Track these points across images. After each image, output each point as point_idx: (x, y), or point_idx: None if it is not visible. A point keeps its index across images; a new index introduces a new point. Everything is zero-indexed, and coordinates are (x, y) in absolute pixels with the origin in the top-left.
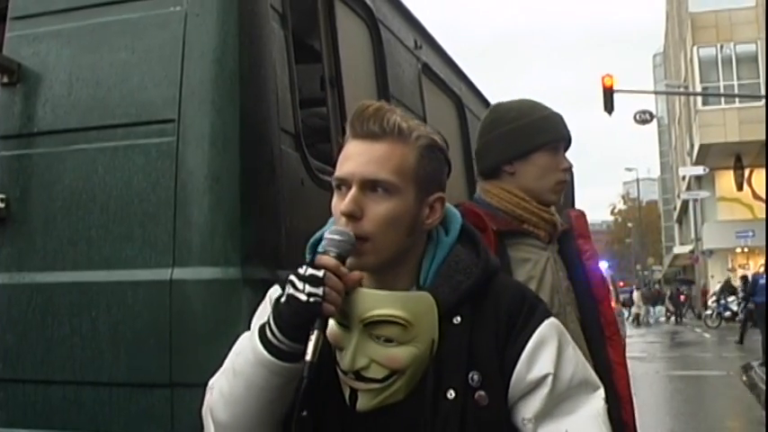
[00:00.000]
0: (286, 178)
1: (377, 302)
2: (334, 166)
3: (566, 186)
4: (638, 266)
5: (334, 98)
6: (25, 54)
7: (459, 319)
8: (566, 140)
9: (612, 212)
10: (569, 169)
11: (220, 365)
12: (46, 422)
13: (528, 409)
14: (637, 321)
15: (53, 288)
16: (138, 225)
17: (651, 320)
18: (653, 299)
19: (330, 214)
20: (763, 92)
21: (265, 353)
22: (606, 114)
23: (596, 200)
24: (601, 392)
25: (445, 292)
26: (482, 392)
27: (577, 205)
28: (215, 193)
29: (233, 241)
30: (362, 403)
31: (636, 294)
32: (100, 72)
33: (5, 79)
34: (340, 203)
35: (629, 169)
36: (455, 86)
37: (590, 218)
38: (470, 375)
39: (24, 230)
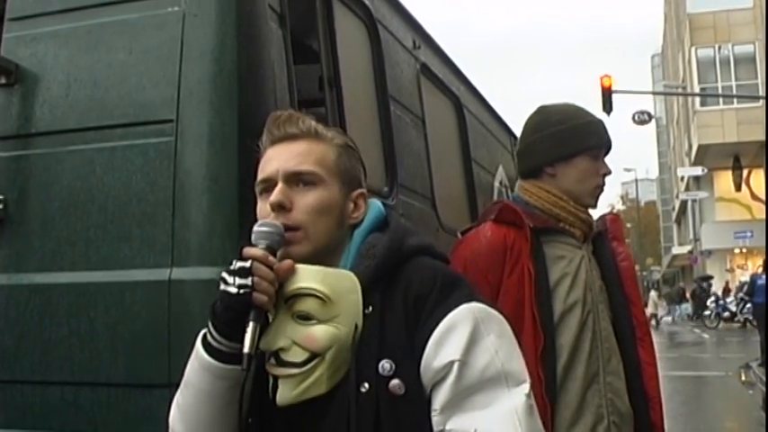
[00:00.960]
0: None
1: (298, 276)
2: None
3: (602, 191)
4: (637, 267)
5: (333, 99)
6: (23, 55)
7: (370, 308)
8: (607, 147)
9: (611, 213)
10: (608, 175)
11: None
12: (44, 423)
13: (436, 400)
14: (656, 322)
15: (51, 289)
16: (136, 225)
17: (677, 319)
18: (678, 298)
19: None
20: (761, 92)
21: (207, 356)
22: (605, 115)
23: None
24: (525, 387)
25: (361, 279)
26: (396, 381)
27: None
28: (213, 194)
29: (231, 241)
30: (283, 394)
31: (653, 294)
32: (97, 73)
33: (3, 80)
34: (265, 205)
35: (627, 170)
36: (454, 87)
37: None
38: (381, 364)
39: (22, 231)
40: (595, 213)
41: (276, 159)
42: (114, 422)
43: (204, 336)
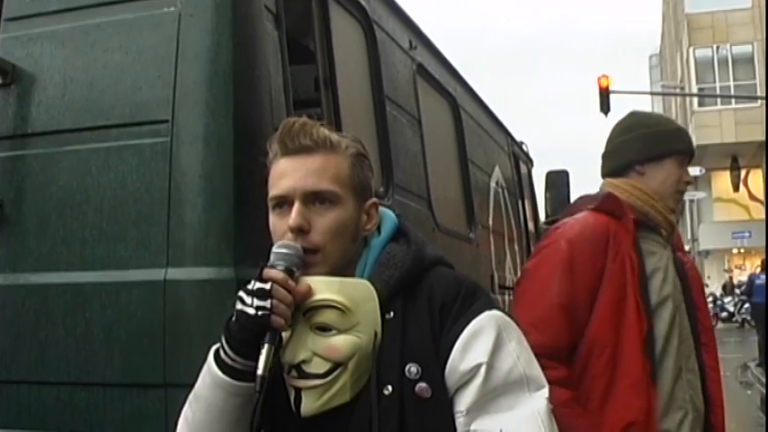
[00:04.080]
0: None
1: (314, 289)
2: None
3: (682, 198)
4: None
5: (329, 99)
6: (19, 55)
7: (392, 314)
8: (691, 156)
9: None
10: (689, 184)
11: None
12: (40, 424)
13: (461, 402)
14: None
15: (47, 289)
16: (131, 225)
17: None
18: None
19: None
20: (759, 93)
21: (220, 373)
22: (601, 115)
23: None
24: (545, 392)
25: (377, 287)
26: (423, 384)
27: None
28: (209, 194)
29: (227, 241)
30: (307, 405)
31: None
32: (94, 73)
33: None
34: (280, 222)
35: None
36: (450, 87)
37: None
38: (407, 368)
39: (18, 231)
40: None
41: (291, 176)
42: (110, 422)
43: (217, 351)
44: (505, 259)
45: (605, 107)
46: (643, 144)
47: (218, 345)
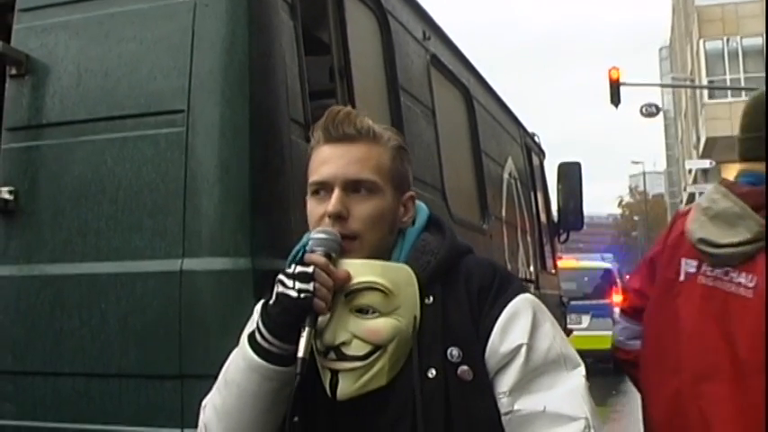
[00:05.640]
0: (296, 168)
1: (357, 271)
2: None
3: None
4: None
5: (344, 89)
6: (33, 46)
7: (431, 298)
8: None
9: (620, 205)
10: None
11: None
12: (55, 415)
13: (503, 383)
14: None
15: (62, 280)
16: (147, 216)
17: None
18: None
19: None
20: None
21: (256, 357)
22: (612, 108)
23: (602, 193)
24: (581, 370)
25: (417, 272)
26: (465, 367)
27: (585, 199)
28: (225, 184)
29: (243, 232)
30: (344, 387)
31: None
32: (108, 63)
33: (14, 71)
34: (319, 207)
35: (635, 162)
36: (463, 78)
37: (596, 211)
38: (449, 351)
39: (33, 222)
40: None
41: (333, 163)
42: (125, 413)
43: (251, 335)
44: (518, 250)
45: (616, 99)
46: None
47: (251, 329)
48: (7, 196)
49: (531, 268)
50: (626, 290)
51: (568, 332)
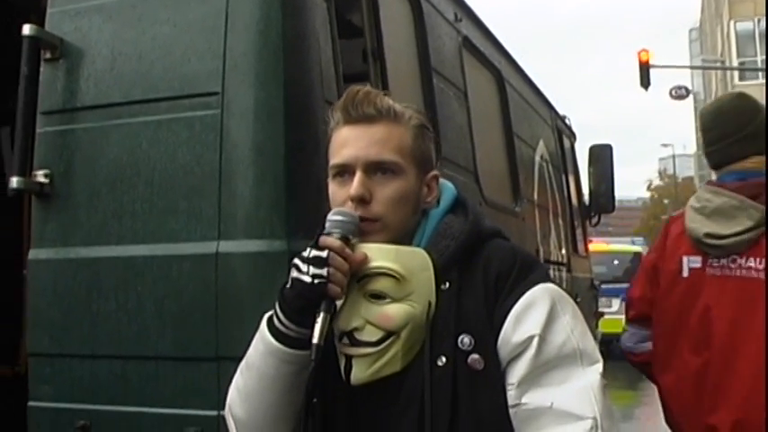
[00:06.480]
0: None
1: (370, 256)
2: None
3: None
4: None
5: (377, 71)
6: (67, 29)
7: (447, 284)
8: None
9: (649, 188)
10: None
11: None
12: (92, 397)
13: (513, 374)
14: None
15: (98, 263)
16: (182, 198)
17: None
18: None
19: None
20: None
21: (273, 341)
22: (641, 91)
23: (631, 177)
24: (598, 367)
25: (433, 257)
26: (476, 356)
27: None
28: (260, 166)
29: (278, 214)
30: (357, 373)
31: None
32: (142, 46)
33: (48, 55)
34: (341, 190)
35: (665, 145)
36: (495, 60)
37: (626, 195)
38: (460, 339)
39: (69, 205)
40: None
41: (354, 145)
42: (162, 395)
43: (270, 319)
44: (550, 233)
45: (645, 81)
46: None
47: (271, 312)
48: (43, 179)
49: (563, 251)
50: (630, 300)
51: (600, 315)
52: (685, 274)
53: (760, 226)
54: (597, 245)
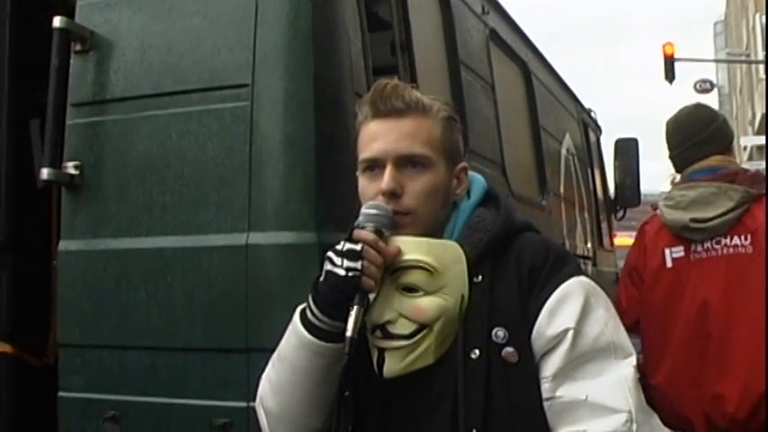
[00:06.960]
0: None
1: (403, 249)
2: None
3: None
4: None
5: (405, 63)
6: (97, 22)
7: (480, 277)
8: None
9: (672, 182)
10: None
11: None
12: (122, 387)
13: (548, 367)
14: None
15: (128, 254)
16: (212, 190)
17: None
18: None
19: None
20: None
21: (306, 334)
22: (666, 84)
23: (654, 171)
24: (632, 360)
25: (466, 250)
26: (510, 349)
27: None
28: (290, 158)
29: (308, 206)
30: (390, 366)
31: None
32: (172, 38)
33: (78, 47)
34: (371, 185)
35: None
36: (522, 53)
37: (649, 189)
38: (494, 332)
39: (99, 197)
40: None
41: (383, 139)
42: (192, 387)
43: (303, 312)
44: (576, 227)
45: (670, 75)
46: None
47: (304, 305)
48: (73, 171)
49: (589, 245)
50: (621, 308)
51: None
52: (669, 264)
53: (741, 205)
54: (622, 239)
